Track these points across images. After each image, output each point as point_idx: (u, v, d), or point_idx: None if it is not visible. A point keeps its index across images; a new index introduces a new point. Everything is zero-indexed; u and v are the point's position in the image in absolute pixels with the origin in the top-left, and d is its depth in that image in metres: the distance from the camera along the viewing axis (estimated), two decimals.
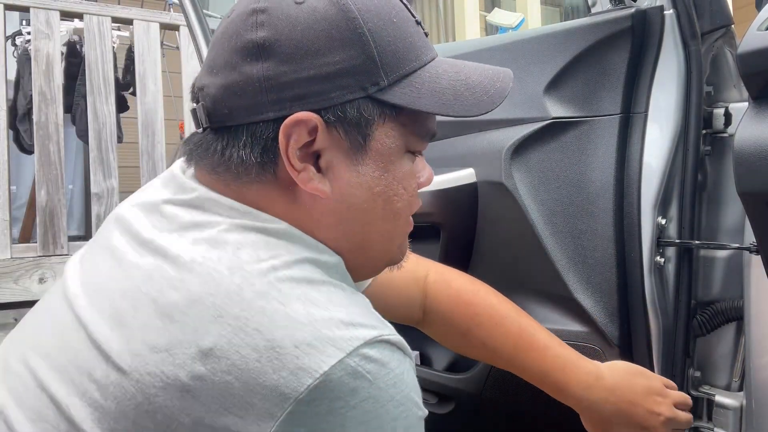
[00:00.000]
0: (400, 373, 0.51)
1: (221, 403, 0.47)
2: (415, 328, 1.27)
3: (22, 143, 3.12)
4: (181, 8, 1.69)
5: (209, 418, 0.48)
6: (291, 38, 0.54)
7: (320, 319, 0.50)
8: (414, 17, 0.62)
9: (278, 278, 0.51)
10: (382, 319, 0.55)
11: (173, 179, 0.61)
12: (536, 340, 0.88)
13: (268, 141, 0.55)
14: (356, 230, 0.59)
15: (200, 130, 0.59)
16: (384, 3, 0.58)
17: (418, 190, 0.65)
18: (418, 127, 0.60)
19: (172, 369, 0.49)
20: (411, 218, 0.66)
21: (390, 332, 0.53)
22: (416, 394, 0.54)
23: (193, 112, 0.59)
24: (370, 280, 0.86)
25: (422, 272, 0.94)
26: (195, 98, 0.59)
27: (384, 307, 0.79)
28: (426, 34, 0.63)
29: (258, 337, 0.48)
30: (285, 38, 0.54)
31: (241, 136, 0.55)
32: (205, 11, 1.81)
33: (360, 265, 0.62)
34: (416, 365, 1.24)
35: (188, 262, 0.52)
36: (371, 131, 0.56)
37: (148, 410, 0.49)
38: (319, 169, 0.56)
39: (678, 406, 0.88)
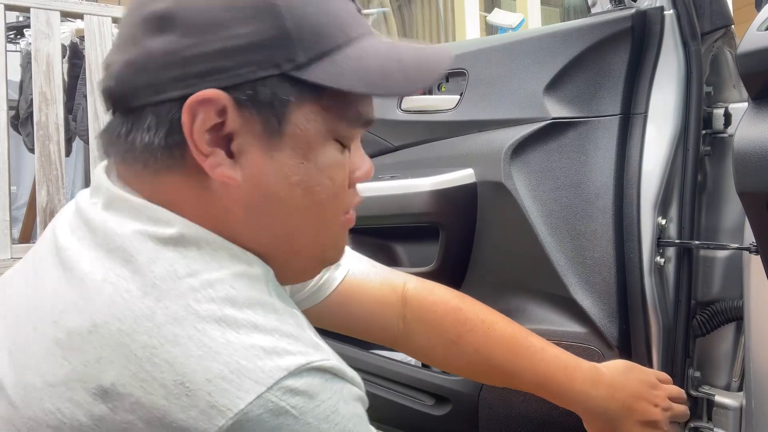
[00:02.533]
0: (334, 404, 0.46)
1: None
2: None
3: (26, 146, 3.12)
4: None
5: None
6: (195, 8, 0.48)
7: (239, 347, 0.44)
8: None
9: (197, 299, 0.45)
10: (318, 340, 0.50)
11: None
12: (531, 344, 0.84)
13: (174, 123, 0.48)
14: (275, 224, 0.53)
15: (109, 113, 0.53)
16: None
17: (360, 184, 0.59)
18: (345, 112, 0.53)
19: (69, 407, 0.43)
20: (352, 212, 0.59)
21: (323, 357, 0.47)
22: (359, 425, 0.48)
23: (103, 93, 0.52)
24: (312, 282, 0.77)
25: (399, 280, 0.85)
26: (104, 78, 0.53)
27: (357, 320, 0.75)
28: (359, 10, 0.56)
29: (167, 370, 0.43)
30: (188, 8, 0.48)
31: (145, 118, 0.49)
32: None
33: (288, 266, 0.56)
34: (417, 367, 1.24)
35: (98, 280, 0.46)
36: (287, 113, 0.50)
37: None
38: (231, 155, 0.50)
39: (673, 399, 0.87)
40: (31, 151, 3.09)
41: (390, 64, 0.53)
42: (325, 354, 0.48)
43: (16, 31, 3.19)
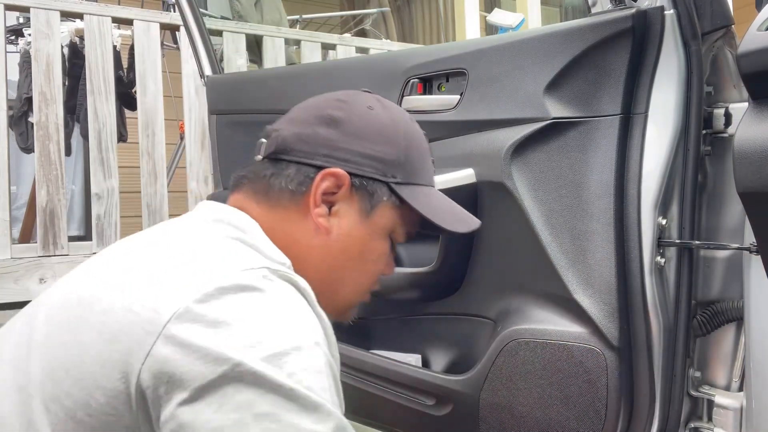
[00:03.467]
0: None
1: None
2: (415, 328, 1.28)
3: (18, 145, 3.11)
4: (178, 7, 1.68)
5: None
6: (356, 123, 0.76)
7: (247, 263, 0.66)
8: (431, 157, 0.85)
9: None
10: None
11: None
12: None
13: (307, 178, 0.74)
14: (337, 267, 0.76)
15: (258, 157, 0.78)
16: (418, 134, 0.82)
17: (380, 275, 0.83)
18: (405, 224, 0.80)
19: None
20: (369, 294, 0.83)
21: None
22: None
23: (259, 144, 0.79)
24: None
25: None
26: (265, 135, 0.79)
27: None
28: (434, 171, 0.85)
29: None
30: (352, 121, 0.76)
31: (288, 169, 0.75)
32: (202, 11, 1.81)
33: (329, 299, 0.73)
34: (417, 367, 1.24)
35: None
36: (377, 205, 0.76)
37: None
38: (331, 214, 0.75)
39: None
40: (23, 150, 3.09)
41: (445, 207, 0.83)
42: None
43: (15, 34, 3.19)
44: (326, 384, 0.58)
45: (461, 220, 0.84)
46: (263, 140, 0.79)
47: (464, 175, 1.12)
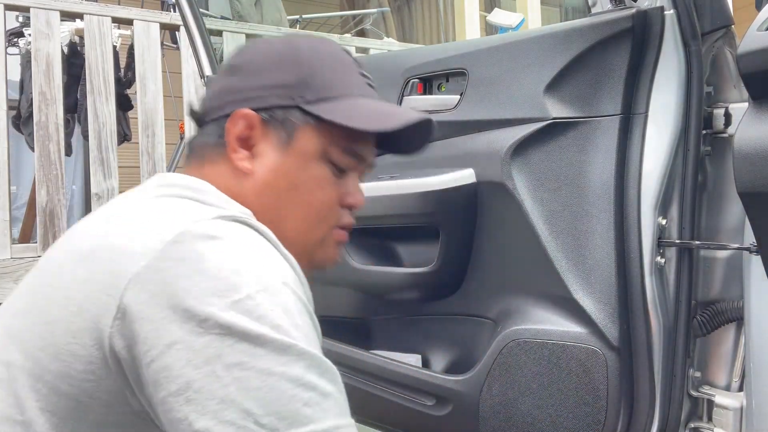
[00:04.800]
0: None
1: None
2: (415, 328, 1.28)
3: (28, 145, 3.11)
4: (178, 7, 1.68)
5: None
6: (253, 61, 0.75)
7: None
8: (365, 77, 0.79)
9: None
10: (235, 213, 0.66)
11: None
12: None
13: (222, 129, 0.73)
14: (272, 206, 0.73)
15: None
16: (328, 51, 0.77)
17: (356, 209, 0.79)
18: (336, 142, 0.74)
19: None
20: (345, 233, 0.78)
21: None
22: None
23: (191, 116, 0.79)
24: None
25: None
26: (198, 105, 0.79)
27: None
28: (371, 85, 0.79)
29: None
30: (250, 61, 0.76)
31: (209, 127, 0.75)
32: (202, 11, 1.81)
33: (283, 243, 0.69)
34: (417, 367, 1.24)
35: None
36: (294, 132, 0.73)
37: None
38: (253, 155, 0.73)
39: None
40: (33, 149, 3.09)
41: (371, 112, 0.75)
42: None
43: (16, 35, 3.19)
44: (298, 322, 0.58)
45: (383, 117, 0.75)
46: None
47: (464, 175, 1.12)
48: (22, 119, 3.04)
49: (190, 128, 2.64)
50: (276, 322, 0.55)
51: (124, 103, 2.96)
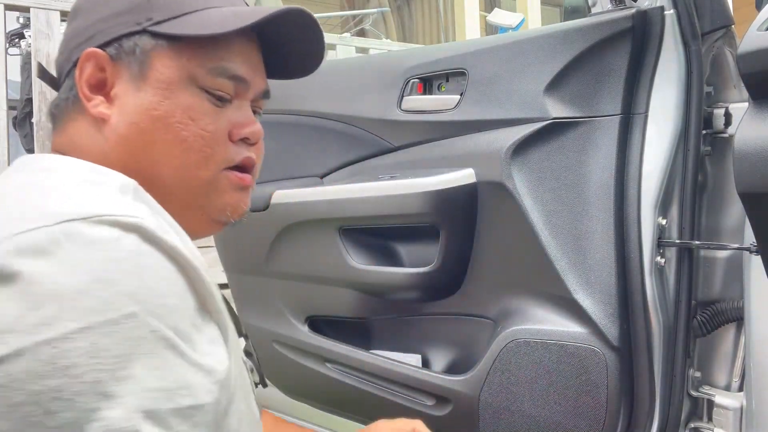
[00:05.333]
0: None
1: None
2: (415, 328, 1.28)
3: (23, 147, 3.11)
4: None
5: None
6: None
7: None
8: None
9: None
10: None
11: None
12: None
13: (74, 81, 0.64)
14: (139, 150, 0.63)
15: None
16: None
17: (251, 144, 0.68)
18: (203, 62, 0.64)
19: None
20: (245, 176, 0.67)
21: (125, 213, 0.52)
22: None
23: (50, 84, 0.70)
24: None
25: None
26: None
27: None
28: None
29: None
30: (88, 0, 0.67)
31: (64, 85, 0.66)
32: None
33: (169, 206, 0.61)
34: (417, 367, 1.24)
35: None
36: (148, 60, 0.63)
37: None
38: (111, 99, 0.64)
39: None
40: (28, 151, 3.08)
41: (227, 16, 0.64)
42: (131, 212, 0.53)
43: (18, 36, 3.19)
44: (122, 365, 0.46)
45: (240, 19, 0.63)
46: None
47: (464, 175, 1.12)
48: (17, 120, 3.04)
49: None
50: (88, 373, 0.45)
51: None
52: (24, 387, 0.44)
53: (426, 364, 1.26)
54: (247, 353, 0.89)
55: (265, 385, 0.93)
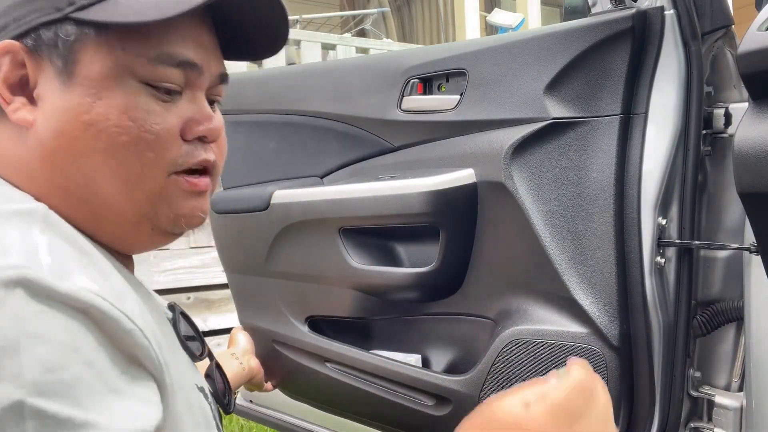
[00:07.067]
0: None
1: None
2: (415, 328, 1.28)
3: None
4: None
5: None
6: None
7: None
8: None
9: None
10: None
11: None
12: None
13: None
14: (73, 168, 0.52)
15: None
16: None
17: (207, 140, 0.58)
18: (142, 50, 0.53)
19: None
20: (201, 179, 0.57)
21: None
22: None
23: None
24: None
25: None
26: None
27: None
28: None
29: None
30: None
31: None
32: None
33: (106, 224, 0.54)
34: (417, 367, 1.24)
35: None
36: (74, 54, 0.52)
37: None
38: (34, 101, 0.53)
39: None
40: None
41: (153, 2, 0.53)
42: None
43: None
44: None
45: (164, 7, 0.53)
46: None
47: (464, 175, 1.12)
48: None
49: None
50: None
51: None
52: None
53: (426, 364, 1.26)
54: (207, 376, 0.80)
55: (228, 412, 0.84)
